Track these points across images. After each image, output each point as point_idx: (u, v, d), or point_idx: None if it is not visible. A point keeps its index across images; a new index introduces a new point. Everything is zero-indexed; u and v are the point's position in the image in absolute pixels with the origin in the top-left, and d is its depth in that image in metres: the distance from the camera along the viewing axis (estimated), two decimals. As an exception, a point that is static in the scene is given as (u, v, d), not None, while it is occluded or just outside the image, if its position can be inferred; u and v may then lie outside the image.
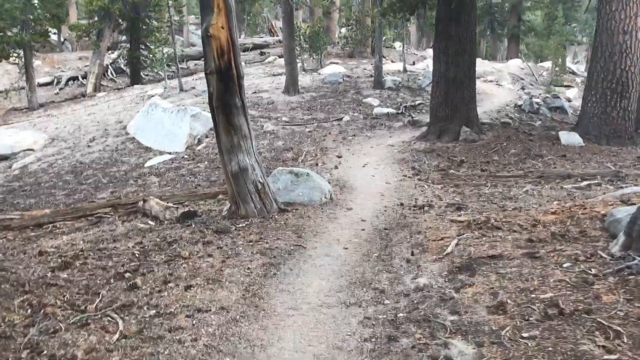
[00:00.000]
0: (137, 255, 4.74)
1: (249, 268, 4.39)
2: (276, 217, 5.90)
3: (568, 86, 22.18)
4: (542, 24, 35.72)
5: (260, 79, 18.64)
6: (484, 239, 4.47)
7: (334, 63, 20.60)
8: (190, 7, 37.42)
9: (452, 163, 9.21)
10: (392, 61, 23.41)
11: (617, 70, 9.33)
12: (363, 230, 5.50)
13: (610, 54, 9.34)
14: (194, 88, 17.19)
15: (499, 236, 4.48)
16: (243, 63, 21.64)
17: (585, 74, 33.88)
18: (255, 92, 16.09)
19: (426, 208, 6.00)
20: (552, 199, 6.38)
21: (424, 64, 21.86)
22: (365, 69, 19.45)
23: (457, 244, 4.48)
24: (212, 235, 5.33)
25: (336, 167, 9.14)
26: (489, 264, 3.91)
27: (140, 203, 6.99)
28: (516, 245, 4.23)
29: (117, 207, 7.00)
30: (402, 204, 6.47)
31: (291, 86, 15.48)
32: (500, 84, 18.91)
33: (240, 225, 5.60)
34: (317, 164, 9.54)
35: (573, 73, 27.94)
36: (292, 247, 4.94)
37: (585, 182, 7.39)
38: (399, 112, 13.59)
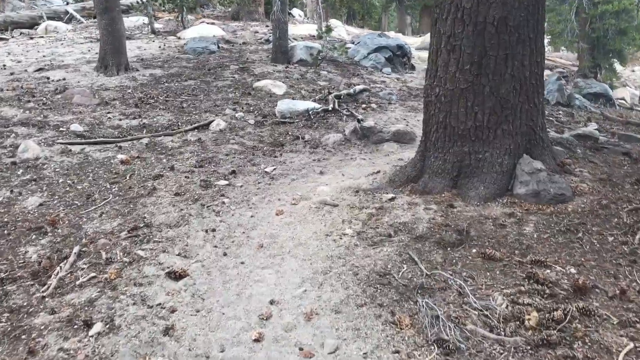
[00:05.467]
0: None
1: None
2: None
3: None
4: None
5: (70, 46, 11.17)
6: None
7: (206, 23, 13.58)
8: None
9: (556, 303, 2.85)
10: (294, 24, 16.84)
11: None
12: None
13: None
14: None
15: None
16: (65, 26, 12.08)
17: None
18: (41, 69, 8.71)
19: None
20: None
21: (335, 33, 15.43)
22: (256, 32, 12.72)
23: None
24: None
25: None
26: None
27: None
28: None
29: None
30: None
31: (111, 57, 8.35)
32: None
33: None
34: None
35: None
36: None
37: None
38: (329, 108, 7.02)
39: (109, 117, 6.63)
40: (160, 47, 10.75)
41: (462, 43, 4.07)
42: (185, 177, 4.96)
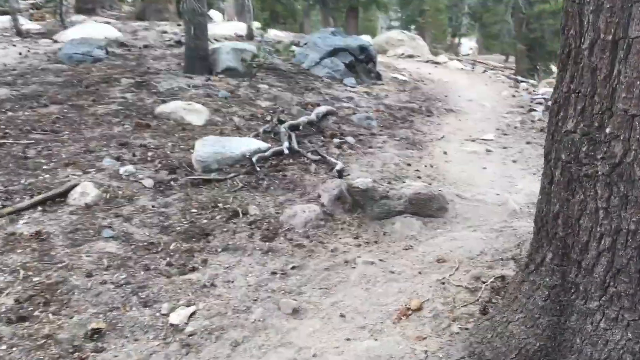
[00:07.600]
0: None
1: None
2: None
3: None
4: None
5: None
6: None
7: (98, 22, 10.44)
8: None
9: None
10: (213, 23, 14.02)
11: None
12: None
13: None
14: None
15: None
16: None
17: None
18: None
19: None
20: None
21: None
22: (164, 32, 9.73)
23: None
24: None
25: None
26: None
27: None
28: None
29: None
30: None
31: None
32: (437, 61, 10.67)
33: None
34: None
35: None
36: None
37: None
38: (284, 149, 4.25)
39: None
40: (21, 53, 7.55)
41: None
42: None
